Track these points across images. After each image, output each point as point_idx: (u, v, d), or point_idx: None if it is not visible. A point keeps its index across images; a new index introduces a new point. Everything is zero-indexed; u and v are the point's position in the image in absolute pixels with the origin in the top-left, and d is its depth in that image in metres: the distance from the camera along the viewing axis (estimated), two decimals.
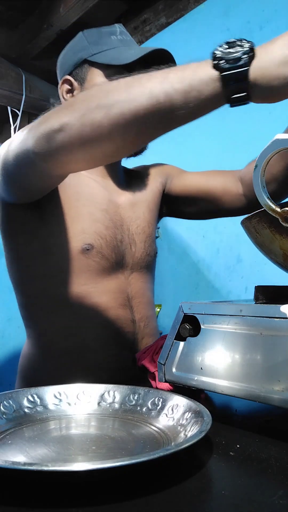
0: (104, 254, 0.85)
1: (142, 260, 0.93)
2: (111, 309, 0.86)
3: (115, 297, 0.87)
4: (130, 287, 0.90)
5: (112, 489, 0.34)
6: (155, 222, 1.01)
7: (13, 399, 0.52)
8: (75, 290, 0.84)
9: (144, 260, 0.93)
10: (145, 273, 0.94)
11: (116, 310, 0.86)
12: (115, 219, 0.89)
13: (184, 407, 0.47)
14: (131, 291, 0.90)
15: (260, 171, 0.51)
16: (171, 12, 2.13)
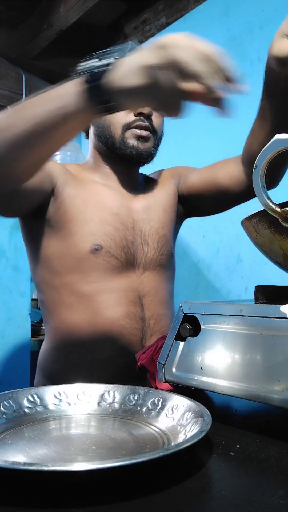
0: (113, 254, 0.91)
1: (155, 259, 0.96)
2: (121, 306, 0.90)
3: (126, 295, 0.91)
4: (142, 285, 0.93)
5: (112, 489, 0.34)
6: (171, 224, 1.05)
7: (13, 399, 0.52)
8: (87, 287, 0.90)
9: (157, 260, 0.96)
10: (159, 272, 0.97)
11: (125, 307, 0.90)
12: (126, 222, 0.95)
13: (184, 407, 0.47)
14: (143, 289, 0.93)
15: (260, 171, 0.51)
16: (171, 12, 2.13)
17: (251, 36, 1.69)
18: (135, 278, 0.93)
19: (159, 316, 0.93)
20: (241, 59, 1.72)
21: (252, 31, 1.69)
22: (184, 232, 1.95)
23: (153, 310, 0.93)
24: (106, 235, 0.91)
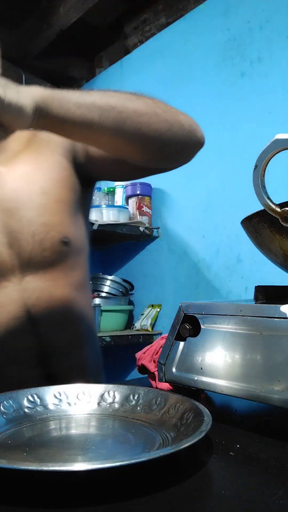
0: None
1: (36, 258, 0.73)
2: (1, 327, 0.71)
3: (2, 311, 0.72)
4: (25, 294, 0.73)
5: (112, 489, 0.34)
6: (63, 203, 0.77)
7: (13, 399, 0.52)
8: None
9: (39, 258, 0.73)
10: (49, 271, 0.74)
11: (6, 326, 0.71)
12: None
13: (184, 407, 0.47)
14: (28, 298, 0.73)
15: (260, 171, 0.51)
16: (171, 12, 2.13)
17: (251, 36, 1.69)
18: (13, 288, 0.72)
19: (61, 325, 0.75)
20: (241, 59, 1.72)
21: (252, 31, 1.69)
22: (184, 232, 1.96)
23: (51, 320, 0.73)
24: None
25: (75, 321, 0.76)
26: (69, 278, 0.76)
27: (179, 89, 1.97)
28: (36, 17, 2.19)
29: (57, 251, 0.74)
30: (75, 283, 0.77)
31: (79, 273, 0.79)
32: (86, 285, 0.82)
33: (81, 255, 0.80)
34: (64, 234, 0.75)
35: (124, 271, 2.28)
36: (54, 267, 0.75)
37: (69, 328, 0.75)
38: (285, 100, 1.57)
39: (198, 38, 1.89)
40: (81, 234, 0.81)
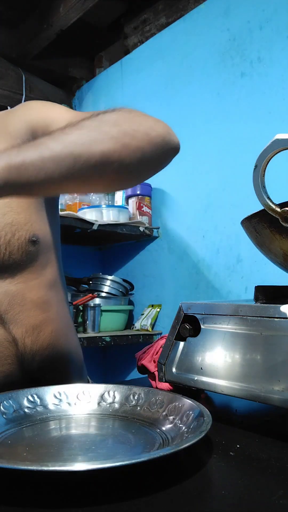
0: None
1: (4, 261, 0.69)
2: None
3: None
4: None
5: (112, 489, 0.34)
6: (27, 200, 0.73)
7: (13, 399, 0.52)
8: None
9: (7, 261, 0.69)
10: (18, 274, 0.70)
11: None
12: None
13: (184, 407, 0.47)
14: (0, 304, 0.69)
15: (260, 171, 0.51)
16: (171, 12, 2.13)
17: (251, 36, 1.69)
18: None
19: (39, 327, 0.71)
20: (241, 59, 1.72)
21: (252, 31, 1.69)
22: (184, 232, 1.96)
23: (26, 324, 0.70)
24: None
25: (51, 322, 0.73)
26: (42, 278, 0.73)
27: (179, 89, 1.97)
28: (36, 17, 2.19)
29: (26, 251, 0.70)
30: (48, 282, 0.74)
31: (51, 271, 0.76)
32: (59, 282, 0.79)
33: (52, 251, 0.76)
34: (32, 233, 0.71)
35: (124, 271, 2.28)
36: (25, 269, 0.71)
37: (46, 329, 0.72)
38: (285, 100, 1.57)
39: (198, 38, 1.89)
40: (50, 229, 0.76)
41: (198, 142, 1.87)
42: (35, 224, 0.71)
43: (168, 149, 0.67)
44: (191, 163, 1.89)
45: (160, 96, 2.07)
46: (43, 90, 2.43)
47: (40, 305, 0.72)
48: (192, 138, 1.89)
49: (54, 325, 0.73)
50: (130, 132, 0.60)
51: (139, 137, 0.61)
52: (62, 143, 0.54)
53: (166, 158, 0.69)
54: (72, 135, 0.56)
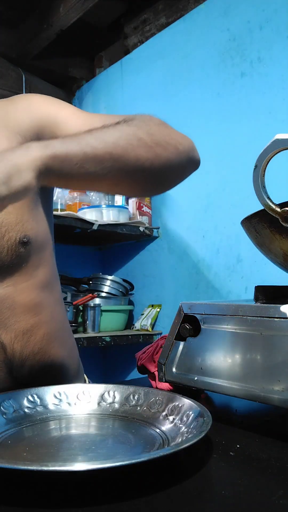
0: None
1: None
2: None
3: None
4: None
5: (112, 489, 0.34)
6: None
7: (13, 399, 0.52)
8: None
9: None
10: (7, 276, 0.67)
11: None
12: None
13: (184, 407, 0.47)
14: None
15: (260, 171, 0.51)
16: (171, 12, 2.13)
17: (251, 36, 1.69)
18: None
19: (29, 331, 0.68)
20: (241, 59, 1.72)
21: (252, 31, 1.69)
22: (184, 232, 1.96)
23: (16, 329, 0.67)
24: None
25: (44, 325, 0.70)
26: (33, 279, 0.70)
27: (179, 89, 1.97)
28: (36, 17, 2.19)
29: (16, 253, 0.66)
30: (40, 283, 0.71)
31: (43, 271, 0.72)
32: (53, 281, 0.76)
33: (45, 250, 0.73)
34: (24, 233, 0.67)
35: (124, 271, 2.28)
36: (15, 271, 0.67)
37: (38, 333, 0.69)
38: (285, 100, 1.57)
39: (198, 38, 1.89)
40: (43, 228, 0.73)
41: (198, 142, 1.87)
42: (26, 224, 0.68)
43: (191, 164, 0.72)
44: None
45: (160, 96, 2.07)
46: (43, 90, 2.43)
47: (32, 308, 0.69)
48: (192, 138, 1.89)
49: (46, 328, 0.70)
50: (163, 144, 0.64)
51: (169, 149, 0.64)
52: (103, 143, 0.57)
53: (187, 172, 0.73)
54: (112, 136, 0.58)
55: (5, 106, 0.73)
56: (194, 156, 0.72)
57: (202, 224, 1.85)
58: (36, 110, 0.71)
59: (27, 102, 0.73)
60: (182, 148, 0.67)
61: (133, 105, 2.22)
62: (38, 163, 0.50)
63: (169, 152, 0.64)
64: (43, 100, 0.74)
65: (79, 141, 0.55)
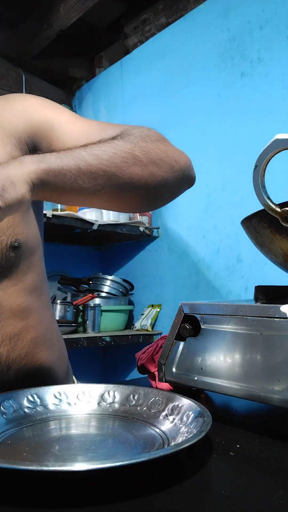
0: None
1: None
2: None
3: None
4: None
5: (112, 489, 0.34)
6: None
7: (13, 399, 0.52)
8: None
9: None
10: (1, 278, 0.66)
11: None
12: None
13: (184, 407, 0.47)
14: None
15: (260, 171, 0.51)
16: (171, 12, 2.13)
17: (251, 36, 1.69)
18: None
19: (15, 336, 0.67)
20: (241, 59, 1.72)
21: (252, 31, 1.69)
22: (184, 232, 1.96)
23: (3, 333, 0.66)
24: None
25: (31, 329, 0.69)
26: (22, 283, 0.69)
27: (179, 89, 1.97)
28: (36, 17, 2.19)
29: (6, 257, 0.65)
30: (29, 287, 0.70)
31: (33, 275, 0.71)
32: (42, 285, 0.74)
33: (35, 255, 0.72)
34: (15, 237, 0.66)
35: (124, 271, 2.28)
36: (3, 275, 0.66)
37: (25, 337, 0.68)
38: (285, 100, 1.57)
39: (198, 38, 1.89)
40: (33, 232, 0.72)
41: (198, 142, 1.87)
42: (18, 228, 0.66)
43: (185, 182, 0.71)
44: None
45: (160, 96, 2.07)
46: (43, 90, 2.43)
47: (19, 313, 0.68)
48: (192, 138, 1.89)
49: (34, 333, 0.69)
50: (158, 162, 0.64)
51: (164, 168, 0.65)
52: (98, 160, 0.57)
53: (182, 189, 0.72)
54: (106, 153, 0.58)
55: (0, 105, 0.71)
56: (189, 174, 0.71)
57: (202, 224, 1.85)
58: (32, 112, 0.70)
59: (23, 103, 0.72)
60: (178, 166, 0.67)
61: (133, 105, 2.22)
62: (32, 176, 0.50)
63: (164, 170, 0.65)
64: (40, 103, 0.73)
65: (74, 156, 0.55)
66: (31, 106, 0.71)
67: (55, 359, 0.75)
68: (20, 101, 0.72)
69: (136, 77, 2.21)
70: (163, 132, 0.76)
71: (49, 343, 0.73)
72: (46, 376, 0.72)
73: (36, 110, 0.71)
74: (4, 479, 0.35)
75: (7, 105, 0.71)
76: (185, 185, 0.72)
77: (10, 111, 0.70)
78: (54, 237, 2.11)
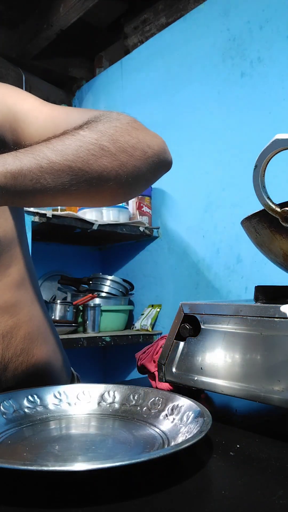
0: None
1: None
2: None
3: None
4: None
5: (112, 489, 0.34)
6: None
7: (13, 399, 0.52)
8: None
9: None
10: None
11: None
12: None
13: (184, 407, 0.47)
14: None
15: (260, 171, 0.51)
16: (171, 12, 2.13)
17: (251, 36, 1.69)
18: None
19: (8, 334, 0.66)
20: (241, 59, 1.72)
21: (252, 31, 1.69)
22: (184, 232, 1.96)
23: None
24: None
25: (23, 325, 0.67)
26: (6, 279, 0.66)
27: (179, 89, 1.97)
28: (36, 17, 2.19)
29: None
30: (15, 282, 0.68)
31: (17, 269, 0.68)
32: (29, 278, 0.72)
33: (17, 247, 0.70)
34: (6, 228, 0.64)
35: (124, 271, 2.28)
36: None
37: (18, 334, 0.66)
38: (285, 100, 1.57)
39: (198, 38, 1.89)
40: (11, 225, 0.69)
41: (198, 142, 1.87)
42: (8, 219, 0.65)
43: (161, 167, 0.67)
44: (191, 163, 1.89)
45: (160, 96, 2.07)
46: (43, 90, 2.44)
47: (8, 309, 0.66)
48: (192, 138, 1.89)
49: (27, 328, 0.68)
50: (129, 150, 0.59)
51: (136, 155, 0.60)
52: (61, 156, 0.52)
53: (158, 175, 0.68)
54: (70, 147, 0.53)
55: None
56: (165, 159, 0.67)
57: (202, 224, 1.85)
58: None
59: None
60: (151, 151, 0.62)
61: (133, 105, 2.22)
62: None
63: (136, 158, 0.60)
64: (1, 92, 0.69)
65: (35, 155, 0.51)
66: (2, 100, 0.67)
67: (51, 353, 0.73)
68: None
69: (136, 77, 2.21)
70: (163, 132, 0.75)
71: (43, 337, 0.71)
72: (44, 371, 0.71)
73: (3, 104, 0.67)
74: (4, 479, 0.35)
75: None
76: (161, 170, 0.67)
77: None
78: (54, 237, 2.11)
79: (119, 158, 0.57)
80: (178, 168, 1.91)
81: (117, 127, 0.60)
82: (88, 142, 0.55)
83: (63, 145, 0.53)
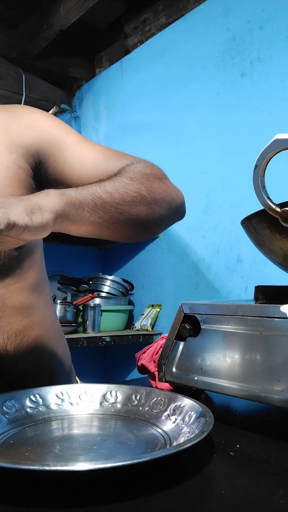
0: None
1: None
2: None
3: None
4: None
5: (113, 489, 0.35)
6: None
7: (15, 399, 0.52)
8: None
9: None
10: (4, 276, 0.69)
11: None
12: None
13: (186, 407, 0.48)
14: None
15: (260, 171, 0.51)
16: (171, 12, 2.13)
17: (251, 36, 1.69)
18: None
19: (21, 333, 0.69)
20: (241, 59, 1.72)
21: (252, 31, 1.69)
22: (184, 232, 1.96)
23: (8, 331, 0.68)
24: None
25: (36, 326, 0.71)
26: (24, 281, 0.71)
27: (179, 89, 1.97)
28: (36, 17, 2.19)
29: (9, 256, 0.68)
30: (31, 285, 0.72)
31: (34, 273, 0.73)
32: (42, 284, 0.76)
33: (36, 253, 0.75)
34: None
35: (124, 271, 2.28)
36: (6, 273, 0.68)
37: (30, 334, 0.70)
38: (285, 100, 1.58)
39: (198, 38, 1.89)
40: None
41: (198, 142, 1.87)
42: None
43: (178, 217, 0.80)
44: (191, 163, 1.89)
45: (160, 96, 2.07)
46: (43, 90, 2.44)
47: (23, 310, 0.70)
48: (192, 138, 1.89)
49: (38, 330, 0.72)
50: (160, 201, 0.71)
51: (164, 206, 0.72)
52: (111, 197, 0.63)
53: (174, 222, 0.81)
54: (118, 192, 0.64)
55: (6, 117, 0.73)
56: (182, 211, 0.80)
57: (202, 224, 1.85)
58: (42, 129, 0.74)
59: (32, 118, 0.74)
60: (174, 204, 0.75)
61: (133, 105, 2.22)
62: (57, 207, 0.54)
63: (163, 208, 0.72)
64: (50, 121, 0.76)
65: (91, 192, 0.61)
66: (41, 122, 0.74)
67: (59, 356, 0.77)
68: (28, 115, 0.75)
69: (136, 77, 2.21)
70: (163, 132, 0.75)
71: (53, 341, 0.75)
72: (51, 373, 0.74)
73: (46, 128, 0.74)
74: (5, 479, 0.35)
75: (14, 117, 0.74)
76: (177, 219, 0.80)
77: (19, 123, 0.73)
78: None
79: (152, 207, 0.69)
80: (178, 168, 1.91)
81: (152, 180, 0.72)
82: (131, 189, 0.67)
83: (112, 189, 0.64)
